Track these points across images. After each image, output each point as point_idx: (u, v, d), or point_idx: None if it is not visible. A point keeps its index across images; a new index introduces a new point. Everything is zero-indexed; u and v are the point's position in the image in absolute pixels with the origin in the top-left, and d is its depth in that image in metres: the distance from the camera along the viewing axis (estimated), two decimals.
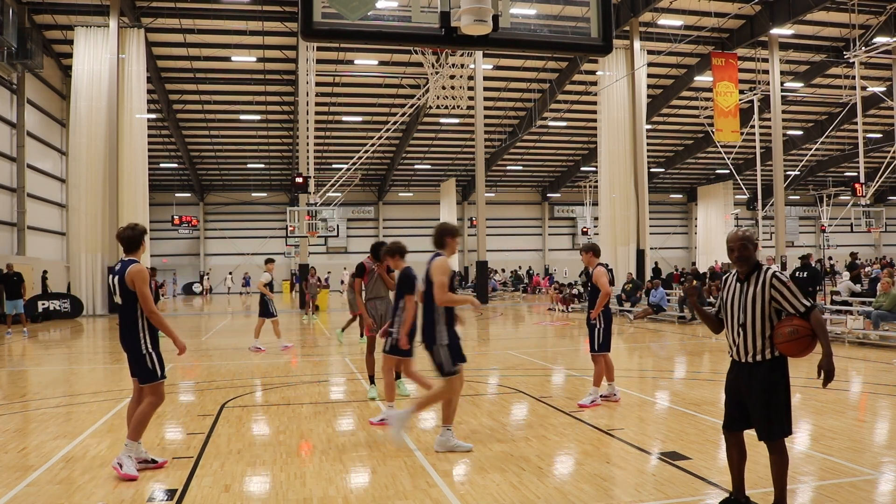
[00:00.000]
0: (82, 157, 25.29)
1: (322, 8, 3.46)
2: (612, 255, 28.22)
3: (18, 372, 11.57)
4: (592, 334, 7.68)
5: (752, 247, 4.10)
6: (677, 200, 56.79)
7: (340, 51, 30.75)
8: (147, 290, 5.26)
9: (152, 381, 5.28)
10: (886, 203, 49.83)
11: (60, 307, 24.03)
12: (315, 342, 15.28)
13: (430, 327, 5.67)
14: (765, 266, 4.06)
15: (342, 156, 40.95)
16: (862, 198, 26.23)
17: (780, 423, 3.97)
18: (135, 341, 5.25)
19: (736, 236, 4.12)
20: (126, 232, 5.44)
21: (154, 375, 5.28)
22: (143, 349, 5.25)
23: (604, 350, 7.63)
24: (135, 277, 5.22)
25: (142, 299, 5.23)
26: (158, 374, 5.29)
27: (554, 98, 35.27)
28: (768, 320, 3.98)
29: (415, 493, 4.71)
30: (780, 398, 3.96)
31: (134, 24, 26.05)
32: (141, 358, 5.26)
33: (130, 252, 5.42)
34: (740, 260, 4.08)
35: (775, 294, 3.96)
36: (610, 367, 7.76)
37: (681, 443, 5.84)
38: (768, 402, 3.95)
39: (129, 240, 5.42)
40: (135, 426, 5.26)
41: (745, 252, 4.08)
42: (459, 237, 6.21)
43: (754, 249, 4.12)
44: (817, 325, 3.86)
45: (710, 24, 26.71)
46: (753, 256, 4.11)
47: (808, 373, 9.79)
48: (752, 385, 4.00)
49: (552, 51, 4.41)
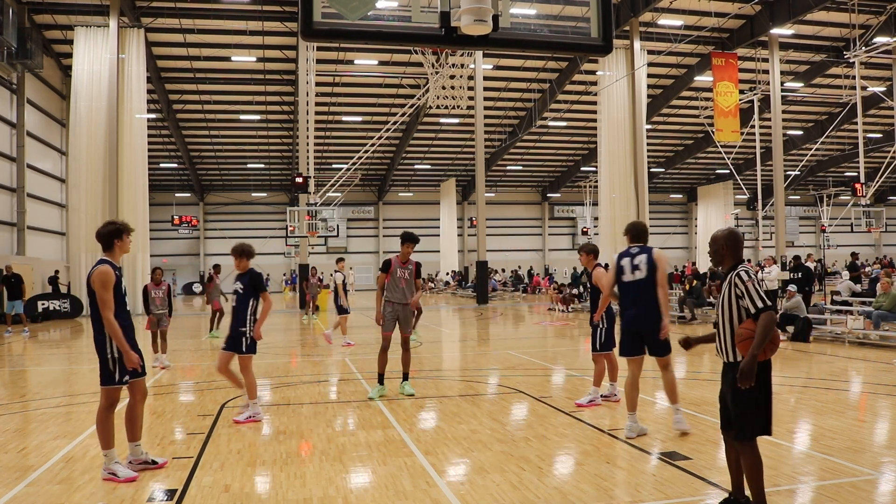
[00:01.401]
0: (82, 157, 25.28)
1: (322, 8, 3.45)
2: (612, 255, 28.22)
3: (18, 372, 11.58)
4: (595, 334, 7.66)
5: (724, 245, 4.14)
6: (677, 200, 56.80)
7: (340, 51, 30.75)
8: (107, 295, 4.95)
9: (107, 384, 5.07)
10: (886, 203, 49.81)
11: (60, 307, 24.04)
12: (315, 342, 15.27)
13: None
14: (741, 266, 4.08)
15: (342, 156, 40.96)
16: (862, 198, 26.23)
17: (744, 425, 3.92)
18: (100, 343, 5.05)
19: (712, 235, 4.23)
20: (100, 229, 5.19)
21: (110, 379, 5.07)
22: (107, 350, 5.03)
23: (606, 349, 7.60)
24: (95, 279, 4.97)
25: (100, 303, 4.96)
26: (116, 378, 5.07)
27: (554, 98, 35.27)
28: (736, 320, 4.01)
29: (415, 494, 4.71)
30: (746, 400, 3.91)
31: (134, 24, 26.04)
32: (104, 360, 5.06)
33: (105, 251, 5.17)
34: (712, 259, 4.22)
35: (737, 292, 4.00)
36: (614, 366, 7.75)
37: (681, 443, 5.84)
38: (735, 402, 3.96)
39: (101, 237, 5.16)
40: (99, 436, 5.10)
41: (714, 250, 4.18)
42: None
43: (728, 248, 4.14)
44: (759, 326, 3.81)
45: (710, 24, 26.71)
46: (728, 256, 4.15)
47: (807, 373, 9.79)
48: (725, 384, 4.06)
49: (552, 51, 4.41)
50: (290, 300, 37.10)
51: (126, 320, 5.13)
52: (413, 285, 8.19)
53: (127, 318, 5.17)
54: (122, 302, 5.11)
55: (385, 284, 8.16)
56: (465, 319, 21.90)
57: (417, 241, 8.28)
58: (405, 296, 8.13)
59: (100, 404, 5.11)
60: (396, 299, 8.11)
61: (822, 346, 12.72)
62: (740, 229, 39.96)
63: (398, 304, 8.11)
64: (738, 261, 4.14)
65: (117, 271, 5.09)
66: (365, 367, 10.52)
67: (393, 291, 8.11)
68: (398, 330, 8.17)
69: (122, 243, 5.19)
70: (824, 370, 9.94)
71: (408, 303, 8.16)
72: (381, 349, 8.20)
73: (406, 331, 8.20)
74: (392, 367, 8.61)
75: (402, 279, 8.11)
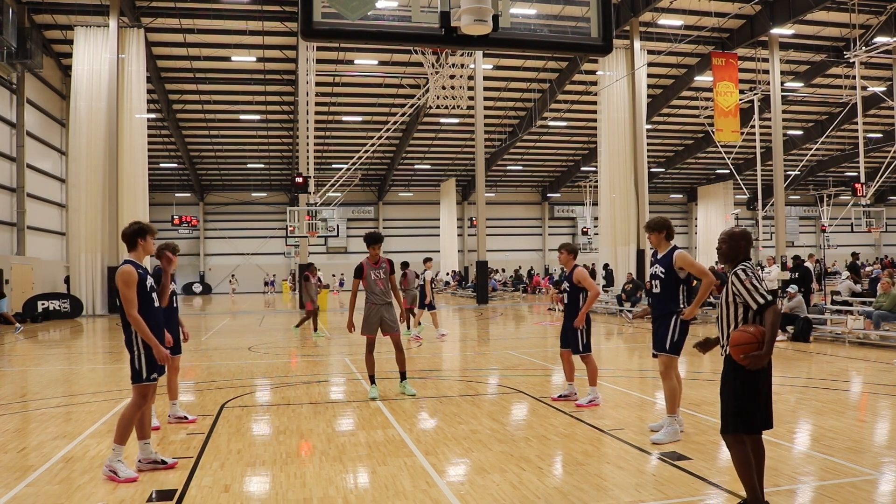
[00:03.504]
0: (82, 157, 25.29)
1: (322, 8, 3.46)
2: (612, 255, 28.25)
3: (18, 372, 11.57)
4: (576, 335, 7.47)
5: (730, 243, 4.21)
6: (677, 200, 56.79)
7: (340, 51, 30.75)
8: (129, 293, 5.05)
9: (137, 381, 5.19)
10: (887, 203, 49.82)
11: (60, 307, 24.04)
12: (315, 342, 15.27)
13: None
14: (741, 264, 4.14)
15: (342, 156, 40.96)
16: (862, 198, 26.23)
17: (726, 419, 4.01)
18: (127, 342, 5.19)
19: (721, 233, 4.31)
20: (125, 228, 5.36)
21: (139, 376, 5.18)
22: (134, 348, 5.15)
23: (587, 350, 7.50)
24: (118, 279, 5.10)
25: (123, 301, 5.08)
26: (144, 375, 5.18)
27: (554, 98, 35.27)
28: (733, 317, 4.08)
29: (415, 493, 4.71)
30: (729, 394, 4.00)
31: (134, 24, 26.05)
32: (131, 358, 5.19)
33: (130, 251, 5.32)
34: (718, 256, 4.30)
35: (735, 290, 4.06)
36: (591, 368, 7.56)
37: (681, 443, 5.84)
38: (722, 396, 4.06)
39: (126, 236, 5.31)
40: (118, 429, 5.15)
41: (722, 248, 4.26)
42: None
43: (735, 246, 4.20)
44: (767, 325, 3.90)
45: (711, 23, 26.71)
46: (731, 253, 4.20)
47: (807, 373, 9.79)
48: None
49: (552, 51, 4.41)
50: (291, 300, 37.09)
51: (154, 318, 5.26)
52: (390, 283, 8.16)
53: (155, 316, 5.31)
54: (149, 300, 5.22)
55: (361, 289, 8.18)
56: (465, 319, 21.90)
57: (382, 240, 8.25)
58: (385, 295, 8.11)
59: (131, 401, 5.23)
60: (377, 301, 8.10)
61: (823, 346, 12.71)
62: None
63: (380, 305, 8.09)
64: (744, 258, 4.19)
65: (140, 270, 5.21)
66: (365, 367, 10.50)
67: (372, 293, 8.12)
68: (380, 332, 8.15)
69: (145, 243, 5.33)
70: (824, 370, 9.94)
71: (389, 302, 8.14)
72: (366, 351, 8.20)
73: (394, 331, 8.14)
74: (391, 368, 8.60)
75: (378, 280, 8.09)
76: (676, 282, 6.05)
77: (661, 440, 5.84)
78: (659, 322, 6.14)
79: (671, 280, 6.06)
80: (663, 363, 6.09)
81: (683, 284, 6.06)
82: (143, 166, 26.40)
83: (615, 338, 15.33)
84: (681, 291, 6.07)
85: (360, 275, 8.11)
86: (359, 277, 8.12)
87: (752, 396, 3.94)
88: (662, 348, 6.07)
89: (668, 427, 5.94)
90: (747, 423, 3.95)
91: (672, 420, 5.98)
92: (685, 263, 6.03)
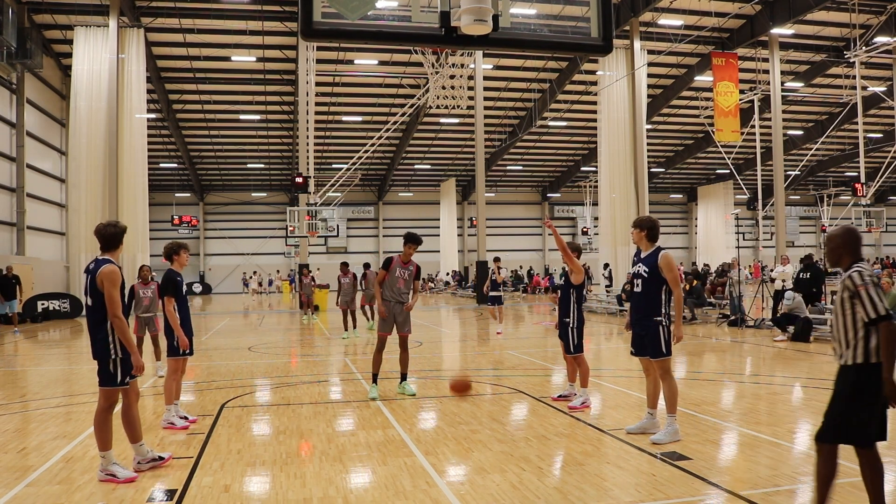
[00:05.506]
0: (82, 157, 25.29)
1: (322, 8, 3.45)
2: (613, 255, 28.25)
3: (18, 372, 11.57)
4: (567, 335, 7.44)
5: (841, 244, 3.94)
6: (677, 200, 56.80)
7: (340, 51, 30.75)
8: (115, 294, 4.93)
9: (108, 385, 5.03)
10: (887, 203, 49.83)
11: (60, 307, 24.04)
12: (314, 342, 15.27)
13: None
14: (856, 265, 3.85)
15: (342, 156, 40.96)
16: (862, 198, 26.23)
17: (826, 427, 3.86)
18: (103, 344, 5.00)
19: (827, 233, 4.10)
20: (107, 229, 5.12)
21: (112, 380, 5.02)
22: (112, 352, 4.99)
23: (579, 351, 7.46)
24: (105, 278, 4.94)
25: (108, 302, 4.93)
26: (119, 379, 5.03)
27: (554, 98, 35.27)
28: (850, 322, 3.78)
29: (415, 493, 4.71)
30: (839, 403, 3.82)
31: (134, 24, 26.05)
32: (105, 361, 5.01)
33: (107, 251, 5.12)
34: (828, 258, 4.05)
35: (850, 293, 3.78)
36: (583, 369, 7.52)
37: (681, 443, 5.83)
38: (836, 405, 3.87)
39: (108, 237, 5.10)
40: (97, 437, 5.06)
41: (830, 248, 4.00)
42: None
43: (846, 247, 3.94)
44: (884, 342, 3.63)
45: (711, 23, 26.71)
46: (845, 254, 3.93)
47: (808, 373, 9.79)
48: (838, 387, 3.92)
49: (552, 51, 4.41)
50: (291, 300, 37.09)
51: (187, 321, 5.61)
52: (411, 286, 8.22)
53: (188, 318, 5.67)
54: (184, 301, 5.30)
55: (384, 281, 8.19)
56: (465, 319, 21.90)
57: (420, 242, 8.33)
58: (401, 295, 8.16)
59: (98, 405, 5.08)
60: (392, 297, 8.14)
61: (823, 346, 12.71)
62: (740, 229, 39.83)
63: (394, 303, 8.14)
64: (855, 259, 3.89)
65: (178, 277, 5.43)
66: (365, 367, 10.50)
67: (390, 289, 8.14)
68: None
69: (179, 258, 5.57)
70: (824, 370, 9.93)
71: (403, 301, 8.18)
72: (376, 349, 8.21)
73: (404, 330, 8.20)
74: (391, 368, 8.60)
75: (401, 279, 8.16)
76: (659, 282, 6.00)
77: (661, 440, 5.84)
78: (643, 327, 6.05)
79: (654, 280, 6.01)
80: (661, 367, 6.05)
81: (665, 286, 6.02)
82: (143, 166, 26.40)
83: (615, 338, 15.32)
84: (663, 292, 6.01)
85: (387, 266, 8.19)
86: (385, 269, 8.18)
87: (871, 410, 3.75)
88: (658, 355, 6.01)
89: (669, 427, 5.94)
90: (832, 433, 3.80)
91: (672, 420, 5.97)
92: (666, 266, 5.98)
